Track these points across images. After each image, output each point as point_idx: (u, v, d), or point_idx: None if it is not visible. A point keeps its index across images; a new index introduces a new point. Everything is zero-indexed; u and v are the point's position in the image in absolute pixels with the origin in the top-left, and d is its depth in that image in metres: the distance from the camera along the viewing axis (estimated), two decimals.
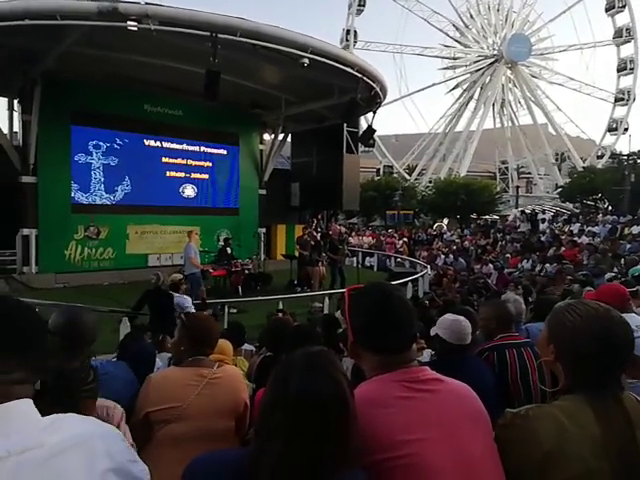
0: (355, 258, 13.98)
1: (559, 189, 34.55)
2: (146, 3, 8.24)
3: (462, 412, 1.21)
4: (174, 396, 2.01)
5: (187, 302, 6.43)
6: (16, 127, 11.86)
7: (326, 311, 8.27)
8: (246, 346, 4.75)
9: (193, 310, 6.44)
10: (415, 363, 1.28)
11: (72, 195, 11.75)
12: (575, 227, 18.09)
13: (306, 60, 9.43)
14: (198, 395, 2.04)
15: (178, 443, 1.91)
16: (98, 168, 12.18)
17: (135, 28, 8.30)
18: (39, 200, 11.17)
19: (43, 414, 0.85)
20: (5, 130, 11.56)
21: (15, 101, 11.64)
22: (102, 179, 12.25)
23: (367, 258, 18.22)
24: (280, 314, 5.46)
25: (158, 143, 13.26)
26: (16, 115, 11.72)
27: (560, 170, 43.16)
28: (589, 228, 17.00)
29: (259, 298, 9.46)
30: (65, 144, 11.56)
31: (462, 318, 2.58)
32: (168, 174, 13.47)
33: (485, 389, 1.82)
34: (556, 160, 43.64)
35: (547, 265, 12.56)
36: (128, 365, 2.59)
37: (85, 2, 8.07)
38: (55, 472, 0.78)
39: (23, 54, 9.60)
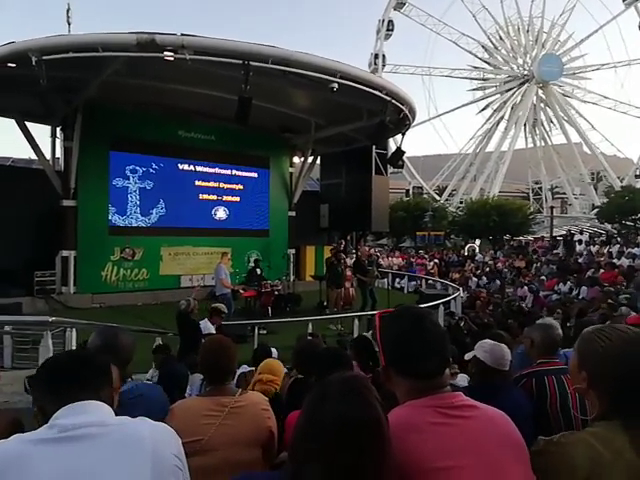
0: (386, 280, 13.83)
1: (596, 209, 33.60)
2: (182, 34, 8.56)
3: (498, 439, 1.18)
4: (195, 429, 1.97)
5: (207, 329, 6.47)
6: (58, 153, 12.40)
7: (356, 333, 8.18)
8: None
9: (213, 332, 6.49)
10: (449, 388, 1.26)
11: (109, 218, 12.15)
12: (614, 249, 17.44)
13: (335, 85, 9.54)
14: (220, 426, 2.00)
15: (203, 476, 1.84)
16: (134, 192, 12.58)
17: (171, 58, 8.62)
18: (78, 223, 11.59)
19: None
20: (48, 156, 12.13)
21: (58, 129, 12.20)
22: (138, 202, 12.64)
23: (397, 280, 18.02)
24: (310, 337, 5.43)
25: (191, 167, 13.62)
26: (58, 142, 12.27)
27: (596, 190, 42.06)
28: (629, 250, 16.35)
29: (289, 319, 9.45)
30: (104, 169, 12.02)
31: (503, 345, 2.54)
32: (201, 197, 13.78)
33: (521, 417, 1.75)
34: (592, 180, 42.54)
35: (583, 288, 12.12)
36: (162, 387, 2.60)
37: (125, 35, 8.46)
38: (122, 441, 1.14)
39: (66, 84, 10.08)
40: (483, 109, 44.06)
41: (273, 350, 4.70)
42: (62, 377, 1.23)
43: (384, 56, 39.28)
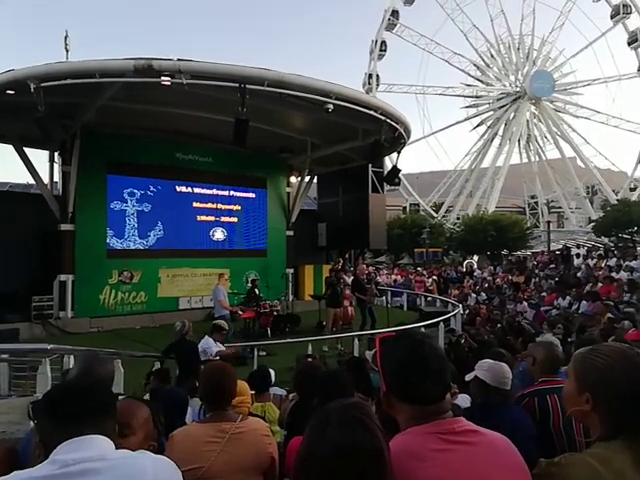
0: (384, 297, 13.79)
1: (592, 223, 33.75)
2: (178, 59, 8.69)
3: (500, 465, 1.17)
4: (196, 457, 1.95)
5: (208, 347, 6.41)
6: (56, 177, 12.45)
7: (356, 353, 8.12)
8: (276, 390, 4.65)
9: (215, 350, 6.43)
10: (450, 414, 1.25)
11: (107, 241, 12.13)
12: (612, 262, 17.45)
13: (330, 106, 9.66)
14: (221, 453, 1.98)
15: None
16: (132, 214, 12.60)
17: (168, 83, 8.73)
18: (76, 247, 11.57)
19: None
20: (46, 181, 12.18)
21: (56, 153, 12.27)
22: (136, 225, 12.64)
23: (395, 297, 17.90)
24: (310, 359, 5.38)
25: (189, 189, 13.67)
26: (56, 166, 12.33)
27: (592, 203, 42.32)
28: (626, 263, 16.36)
29: (288, 340, 9.37)
30: (101, 193, 12.05)
31: (503, 363, 2.56)
32: (199, 218, 13.80)
33: (522, 437, 1.74)
34: (587, 193, 42.84)
35: (583, 302, 12.09)
36: (159, 409, 2.57)
37: (122, 61, 8.58)
38: (124, 475, 1.14)
39: (64, 110, 10.16)
40: (477, 126, 44.54)
41: (271, 372, 4.63)
42: (64, 409, 1.20)
43: (378, 76, 39.85)
